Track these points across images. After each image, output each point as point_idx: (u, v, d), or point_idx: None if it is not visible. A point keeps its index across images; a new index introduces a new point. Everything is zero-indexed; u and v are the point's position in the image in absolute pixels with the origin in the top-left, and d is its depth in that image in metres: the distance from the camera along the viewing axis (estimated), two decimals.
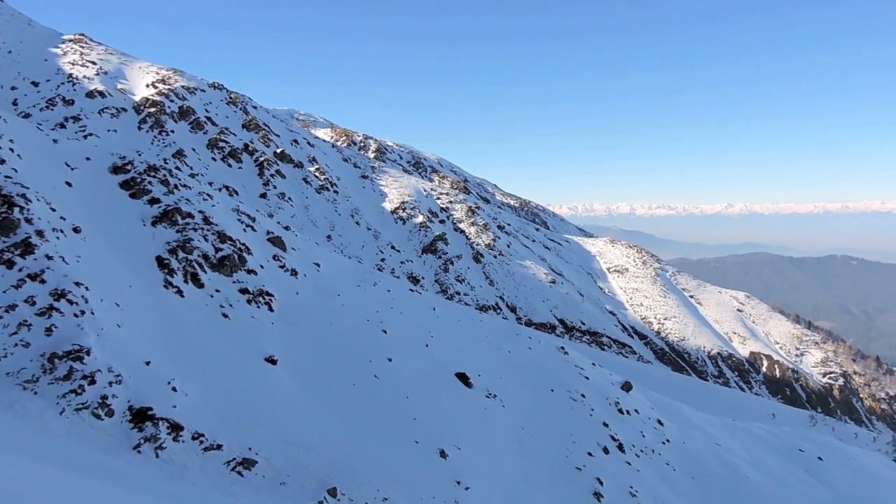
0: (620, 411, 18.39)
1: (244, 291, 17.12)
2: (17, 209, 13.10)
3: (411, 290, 23.41)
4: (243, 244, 19.03)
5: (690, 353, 72.91)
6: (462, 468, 12.77)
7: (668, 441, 18.13)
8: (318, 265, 21.71)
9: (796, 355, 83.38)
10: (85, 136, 48.57)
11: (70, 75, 55.22)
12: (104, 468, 8.94)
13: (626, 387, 20.38)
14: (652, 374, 42.11)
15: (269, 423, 12.00)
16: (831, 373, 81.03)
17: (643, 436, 17.69)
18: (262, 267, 18.83)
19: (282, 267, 19.83)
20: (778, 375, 75.63)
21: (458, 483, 12.26)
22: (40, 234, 13.04)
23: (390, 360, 16.57)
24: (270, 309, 17.13)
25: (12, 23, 59.90)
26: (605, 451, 15.94)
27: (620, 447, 16.48)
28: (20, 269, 11.93)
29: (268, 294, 17.59)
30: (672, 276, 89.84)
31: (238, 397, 12.41)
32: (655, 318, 76.50)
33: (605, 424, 17.12)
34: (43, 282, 11.93)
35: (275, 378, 13.89)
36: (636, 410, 19.00)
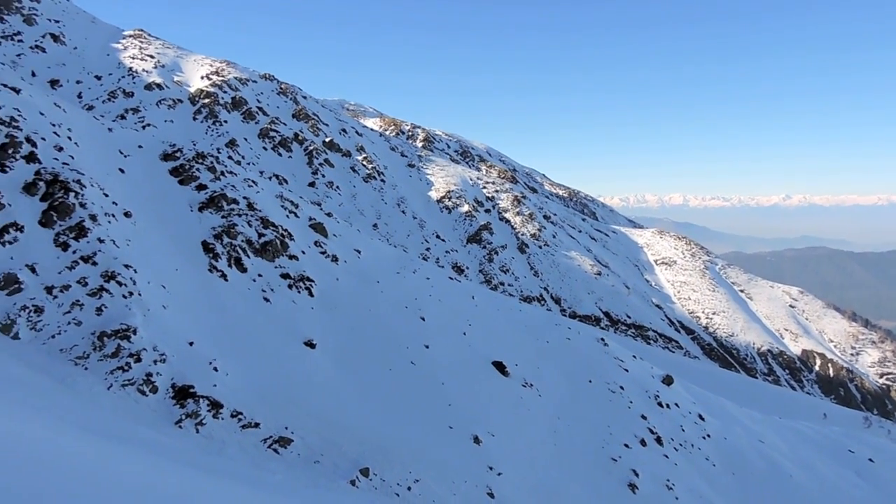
0: (660, 404, 18.00)
1: (285, 276, 17.50)
2: (72, 194, 13.71)
3: (450, 278, 23.45)
4: (286, 230, 19.43)
5: (739, 349, 70.54)
6: (495, 454, 12.77)
7: (708, 436, 17.65)
8: (358, 252, 21.97)
9: (851, 354, 79.52)
10: (143, 127, 50.58)
11: (130, 69, 57.52)
12: (149, 441, 9.33)
13: (667, 380, 19.91)
14: (697, 370, 41.00)
15: (306, 404, 12.27)
16: (889, 373, 77.01)
17: (683, 430, 17.27)
18: (303, 253, 19.19)
19: (323, 253, 20.16)
20: (831, 375, 72.39)
21: (491, 469, 12.26)
22: (93, 218, 13.63)
23: (427, 346, 16.66)
24: (311, 294, 17.46)
25: (77, 20, 62.75)
26: (643, 443, 15.64)
27: (658, 440, 16.14)
28: (74, 252, 12.52)
29: (308, 279, 17.93)
30: (722, 270, 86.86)
31: (276, 378, 12.73)
32: (703, 312, 74.22)
33: (644, 417, 16.79)
34: (95, 264, 12.48)
35: (312, 361, 14.18)
36: (676, 404, 18.55)
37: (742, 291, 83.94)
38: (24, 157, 13.80)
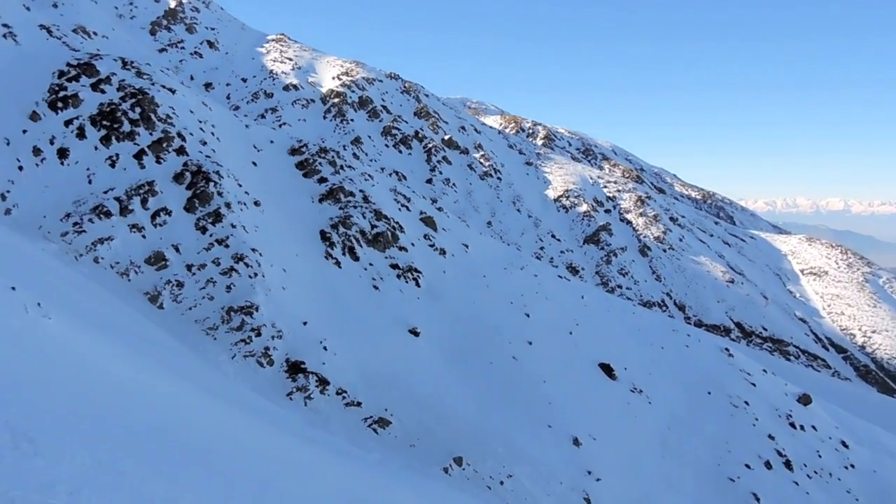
0: (792, 425, 16.31)
1: (394, 266, 18.13)
2: (212, 184, 15.20)
3: (560, 277, 22.97)
4: (397, 222, 20.11)
5: None
6: (595, 459, 12.33)
7: (852, 466, 15.72)
8: (466, 246, 22.21)
9: None
10: (280, 126, 54.83)
11: (271, 71, 62.61)
12: (265, 410, 10.11)
13: (805, 400, 17.96)
14: (847, 393, 36.65)
15: (406, 389, 12.64)
16: None
17: (819, 455, 15.53)
18: (412, 245, 19.76)
19: (431, 246, 20.62)
20: None
21: (589, 473, 11.86)
22: (228, 205, 15.02)
23: (531, 343, 16.46)
24: (417, 284, 17.94)
25: (230, 27, 69.48)
26: (768, 465, 14.27)
27: (788, 464, 14.63)
28: (210, 235, 13.88)
29: (416, 270, 18.44)
30: (887, 283, 76.28)
31: (380, 362, 13.24)
32: (860, 329, 65.76)
33: (771, 437, 15.31)
34: (227, 246, 13.75)
35: (416, 348, 14.57)
36: (813, 427, 16.70)
37: None
38: (175, 150, 15.54)
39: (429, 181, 58.92)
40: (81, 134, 14.40)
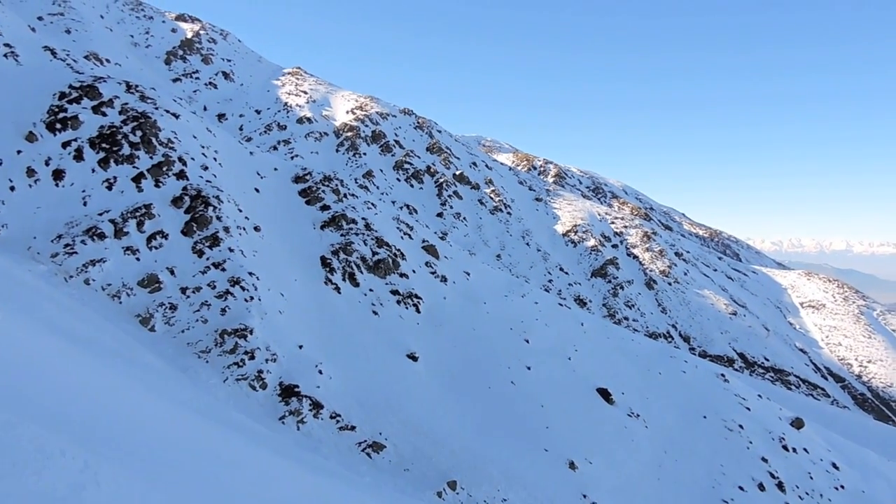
0: (785, 448, 16.09)
1: (395, 293, 18.15)
2: (211, 208, 15.37)
3: (560, 304, 22.89)
4: (398, 250, 20.20)
5: None
6: (591, 482, 12.09)
7: (842, 487, 15.46)
8: (467, 274, 22.24)
9: None
10: (292, 157, 55.52)
11: (286, 104, 63.76)
12: (255, 433, 10.03)
13: (797, 423, 17.76)
14: (843, 419, 36.22)
15: (402, 413, 12.51)
16: None
17: (811, 477, 15.28)
18: (413, 272, 19.81)
19: (433, 273, 20.66)
20: None
21: (585, 497, 11.61)
22: (227, 229, 15.16)
23: (529, 368, 16.34)
24: (417, 310, 17.93)
25: (246, 59, 71.06)
26: (761, 487, 13.99)
27: (780, 486, 14.37)
28: (207, 258, 13.98)
29: (416, 297, 18.45)
30: (880, 316, 76.74)
31: (376, 386, 13.15)
32: (856, 359, 65.73)
33: (764, 459, 15.07)
34: (223, 270, 13.82)
35: (413, 373, 14.48)
36: (805, 449, 16.47)
37: None
38: (175, 175, 15.77)
39: (439, 215, 59.43)
40: (79, 156, 14.60)
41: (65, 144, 14.74)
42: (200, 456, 5.15)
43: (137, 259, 12.91)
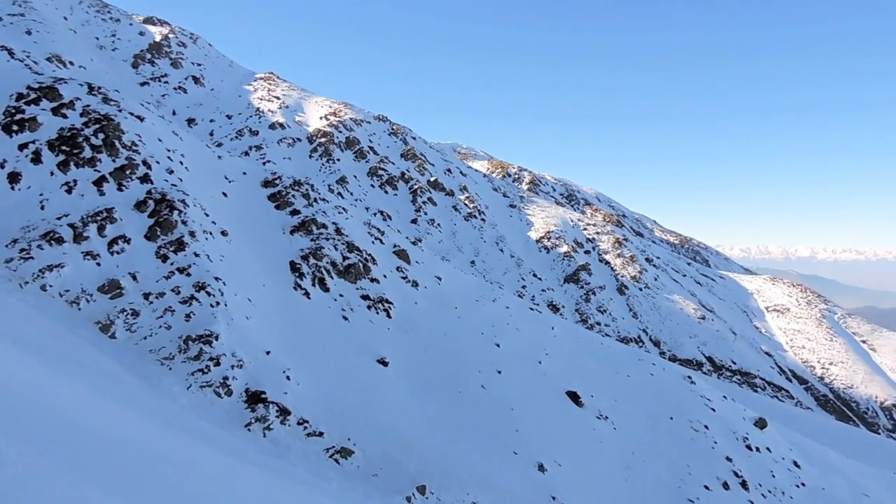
0: (749, 447, 16.47)
1: (365, 298, 18.03)
2: (176, 212, 15.08)
3: (531, 309, 23.04)
4: (369, 255, 20.09)
5: (859, 402, 63.34)
6: (560, 484, 12.16)
7: (803, 484, 15.89)
8: (439, 278, 22.23)
9: None
10: (264, 163, 54.80)
11: (258, 109, 62.94)
12: (220, 440, 9.82)
13: (760, 423, 18.20)
14: (805, 420, 37.28)
15: (371, 419, 12.41)
16: None
17: (773, 476, 15.67)
18: (385, 277, 19.72)
19: (404, 278, 20.59)
20: None
21: (554, 499, 11.66)
22: (192, 234, 14.88)
23: (500, 372, 16.38)
24: (388, 315, 17.84)
25: (217, 64, 69.95)
26: (725, 486, 14.28)
27: (744, 484, 14.69)
28: (171, 263, 13.69)
29: (387, 301, 18.36)
30: (841, 319, 79.18)
31: (345, 392, 13.02)
32: (819, 362, 67.65)
33: (729, 459, 15.40)
34: (188, 275, 13.55)
35: (383, 378, 14.38)
36: (768, 448, 16.90)
37: (864, 342, 75.74)
38: (139, 178, 15.44)
39: (414, 221, 59.31)
40: (37, 158, 14.18)
41: (21, 147, 14.29)
42: (154, 459, 5.02)
43: (98, 264, 12.57)
